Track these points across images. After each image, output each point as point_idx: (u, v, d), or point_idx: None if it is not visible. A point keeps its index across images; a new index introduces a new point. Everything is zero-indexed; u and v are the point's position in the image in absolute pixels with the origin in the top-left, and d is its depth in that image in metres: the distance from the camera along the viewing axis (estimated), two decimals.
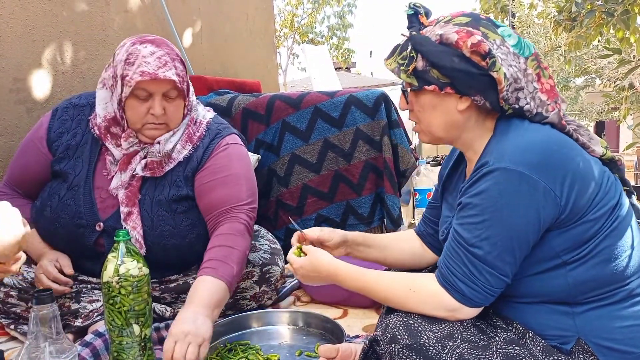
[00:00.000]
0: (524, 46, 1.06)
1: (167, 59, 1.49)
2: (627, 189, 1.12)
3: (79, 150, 1.63)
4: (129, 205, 1.57)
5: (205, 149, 1.63)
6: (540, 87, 1.07)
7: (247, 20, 3.76)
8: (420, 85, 1.08)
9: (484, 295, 1.01)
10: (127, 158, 1.58)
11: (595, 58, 8.22)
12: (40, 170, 1.65)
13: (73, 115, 1.67)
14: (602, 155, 1.09)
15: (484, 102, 1.06)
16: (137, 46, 1.50)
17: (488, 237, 0.99)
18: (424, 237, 1.42)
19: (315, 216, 2.40)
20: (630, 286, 1.02)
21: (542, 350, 1.01)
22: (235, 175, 1.61)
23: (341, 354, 1.30)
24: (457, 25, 1.05)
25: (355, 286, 1.16)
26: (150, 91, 1.50)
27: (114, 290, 1.26)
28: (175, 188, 1.60)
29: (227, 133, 1.68)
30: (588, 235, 1.00)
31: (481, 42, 1.02)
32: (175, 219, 1.59)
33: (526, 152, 0.99)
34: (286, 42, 17.03)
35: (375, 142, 2.32)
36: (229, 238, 1.51)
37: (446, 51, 1.04)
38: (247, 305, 1.76)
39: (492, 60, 1.01)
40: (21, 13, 2.18)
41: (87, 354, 1.38)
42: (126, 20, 2.67)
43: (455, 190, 1.26)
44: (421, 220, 1.44)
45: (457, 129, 1.11)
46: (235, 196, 1.59)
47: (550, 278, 1.02)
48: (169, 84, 1.50)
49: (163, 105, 1.52)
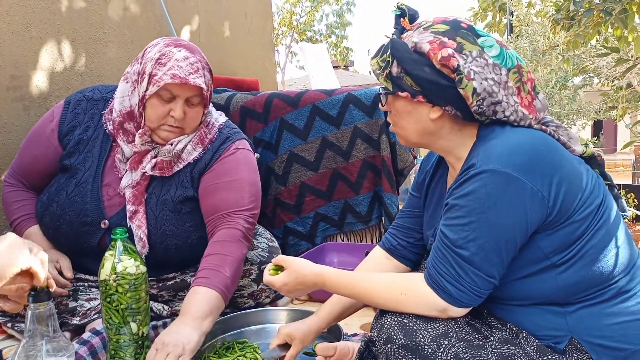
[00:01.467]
0: (507, 57, 1.05)
1: (199, 66, 1.51)
2: (608, 183, 1.13)
3: (89, 145, 1.62)
4: (135, 203, 1.57)
5: (214, 152, 1.63)
6: (520, 102, 1.06)
7: (246, 18, 3.76)
8: (394, 90, 1.08)
9: (471, 296, 1.01)
10: (139, 157, 1.58)
11: (593, 57, 8.22)
12: (48, 162, 1.65)
13: (86, 108, 1.66)
14: (582, 154, 1.10)
15: (455, 112, 1.06)
16: (172, 48, 1.50)
17: (474, 239, 0.99)
18: (396, 251, 1.36)
19: (313, 214, 2.40)
20: (619, 283, 1.03)
21: (536, 350, 1.01)
22: (240, 180, 1.61)
23: (339, 352, 1.31)
24: (434, 34, 1.05)
25: (345, 292, 1.15)
26: (175, 94, 1.51)
27: (111, 288, 1.26)
28: (181, 188, 1.60)
29: (237, 138, 1.68)
30: (575, 236, 1.01)
31: (451, 57, 1.01)
32: (179, 219, 1.59)
33: (513, 153, 0.99)
34: (284, 40, 17.02)
35: (373, 141, 2.32)
36: (224, 245, 1.51)
37: (419, 60, 1.04)
38: (244, 304, 1.76)
39: (459, 77, 1.01)
40: (18, 10, 2.18)
41: (84, 352, 1.38)
42: (124, 18, 2.67)
43: (435, 197, 1.26)
44: (390, 233, 1.38)
45: (431, 136, 1.12)
46: (237, 201, 1.58)
47: (540, 281, 1.03)
48: (195, 91, 1.52)
49: (184, 109, 1.52)
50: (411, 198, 1.36)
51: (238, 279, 1.54)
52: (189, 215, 1.61)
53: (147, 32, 2.79)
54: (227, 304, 1.47)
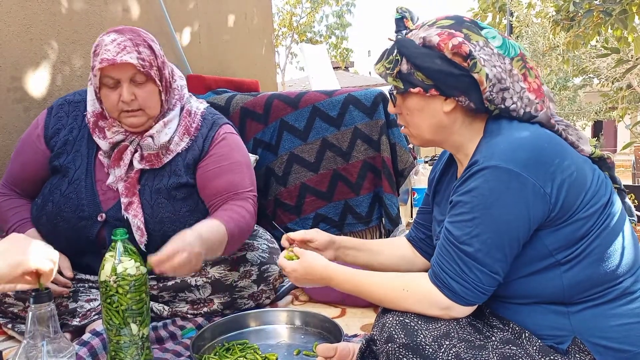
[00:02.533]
0: (509, 47, 1.07)
1: (127, 44, 1.50)
2: (617, 186, 1.13)
3: (76, 145, 1.65)
4: (128, 195, 1.59)
5: (205, 138, 1.66)
6: (527, 87, 1.08)
7: (246, 19, 3.76)
8: (406, 88, 1.09)
9: (475, 293, 1.01)
10: (118, 154, 1.60)
11: (593, 58, 8.22)
12: (38, 167, 1.66)
13: (68, 111, 1.68)
14: (592, 154, 1.11)
15: (468, 103, 1.07)
16: (103, 37, 1.52)
17: (478, 235, 0.99)
18: (415, 243, 1.42)
19: (313, 215, 2.40)
20: (624, 284, 1.02)
21: (538, 350, 1.01)
22: (238, 163, 1.67)
23: (339, 353, 1.30)
24: (440, 28, 1.07)
25: (349, 288, 1.16)
26: (116, 78, 1.51)
27: (112, 290, 1.26)
28: (175, 177, 1.62)
29: (222, 122, 1.72)
30: (580, 234, 1.01)
31: (462, 43, 1.03)
32: (175, 205, 1.61)
33: (516, 150, 0.99)
34: (284, 42, 17.03)
35: (373, 142, 2.32)
36: (237, 210, 1.58)
37: (429, 53, 1.05)
38: (245, 305, 1.76)
39: (473, 62, 1.03)
40: (19, 12, 2.18)
41: (84, 353, 1.38)
42: (124, 19, 2.67)
43: (446, 193, 1.26)
44: (412, 225, 1.44)
45: (444, 131, 1.12)
46: (240, 183, 1.64)
47: (545, 279, 1.03)
48: (131, 68, 1.51)
49: (132, 90, 1.53)
50: (426, 196, 1.40)
51: (240, 243, 1.62)
52: (184, 201, 1.62)
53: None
54: (223, 255, 1.54)
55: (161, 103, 1.60)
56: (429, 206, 1.37)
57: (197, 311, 1.72)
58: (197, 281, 1.70)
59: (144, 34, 1.57)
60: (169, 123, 1.62)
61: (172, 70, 1.67)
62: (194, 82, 2.87)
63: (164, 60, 1.59)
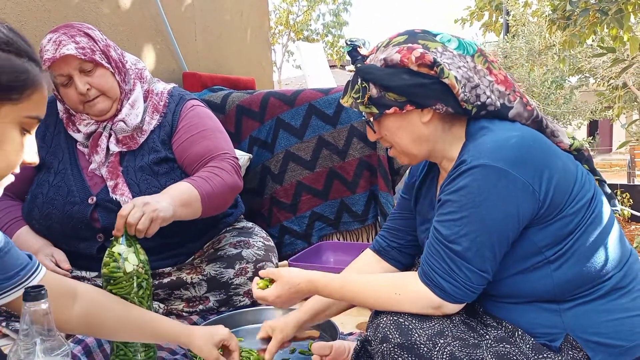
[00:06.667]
0: (466, 46, 1.09)
1: (62, 38, 1.54)
2: (597, 178, 1.14)
3: (55, 139, 1.69)
4: (113, 178, 1.62)
5: (173, 113, 1.71)
6: (494, 79, 1.08)
7: (242, 17, 3.75)
8: (381, 111, 1.09)
9: (464, 292, 1.01)
10: (94, 141, 1.64)
11: (589, 57, 8.24)
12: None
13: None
14: (570, 146, 1.11)
15: (446, 109, 1.07)
16: (42, 41, 1.57)
17: (467, 234, 0.99)
18: (386, 253, 1.35)
19: (309, 214, 2.40)
20: (613, 280, 1.03)
21: (531, 348, 1.01)
22: (210, 129, 1.72)
23: (335, 352, 1.30)
24: (397, 45, 1.07)
25: (338, 296, 1.15)
26: (65, 74, 1.55)
27: (115, 283, 1.25)
28: (154, 153, 1.66)
29: (189, 97, 1.77)
30: (568, 230, 1.01)
31: (424, 54, 1.04)
32: (160, 180, 1.64)
33: (503, 148, 0.99)
34: (281, 40, 17.01)
35: (369, 140, 2.32)
36: (215, 170, 1.61)
37: (394, 72, 1.06)
38: (240, 302, 1.76)
39: (440, 68, 1.03)
40: (13, 8, 2.17)
41: (79, 351, 1.37)
42: (119, 16, 2.66)
43: (427, 200, 1.26)
44: (381, 235, 1.37)
45: (428, 142, 1.12)
46: (216, 146, 1.68)
47: (535, 278, 1.03)
48: (73, 60, 1.54)
49: (85, 80, 1.56)
50: (401, 200, 1.36)
51: (222, 203, 1.63)
52: (167, 176, 1.65)
53: (142, 31, 2.78)
54: (202, 216, 1.55)
55: (118, 84, 1.63)
56: (405, 211, 1.34)
57: (192, 309, 1.72)
58: (192, 279, 1.70)
59: (78, 25, 1.60)
60: (135, 103, 1.66)
61: (122, 53, 1.70)
62: (190, 80, 2.86)
63: (107, 43, 1.62)
